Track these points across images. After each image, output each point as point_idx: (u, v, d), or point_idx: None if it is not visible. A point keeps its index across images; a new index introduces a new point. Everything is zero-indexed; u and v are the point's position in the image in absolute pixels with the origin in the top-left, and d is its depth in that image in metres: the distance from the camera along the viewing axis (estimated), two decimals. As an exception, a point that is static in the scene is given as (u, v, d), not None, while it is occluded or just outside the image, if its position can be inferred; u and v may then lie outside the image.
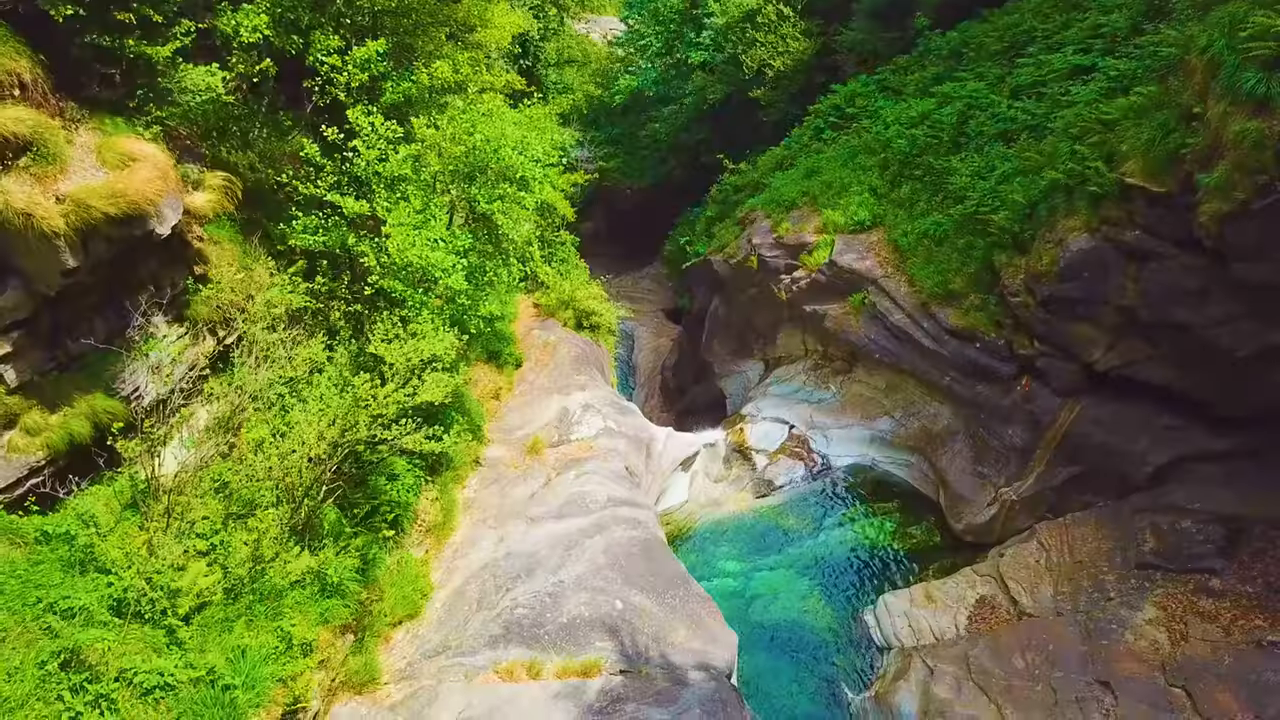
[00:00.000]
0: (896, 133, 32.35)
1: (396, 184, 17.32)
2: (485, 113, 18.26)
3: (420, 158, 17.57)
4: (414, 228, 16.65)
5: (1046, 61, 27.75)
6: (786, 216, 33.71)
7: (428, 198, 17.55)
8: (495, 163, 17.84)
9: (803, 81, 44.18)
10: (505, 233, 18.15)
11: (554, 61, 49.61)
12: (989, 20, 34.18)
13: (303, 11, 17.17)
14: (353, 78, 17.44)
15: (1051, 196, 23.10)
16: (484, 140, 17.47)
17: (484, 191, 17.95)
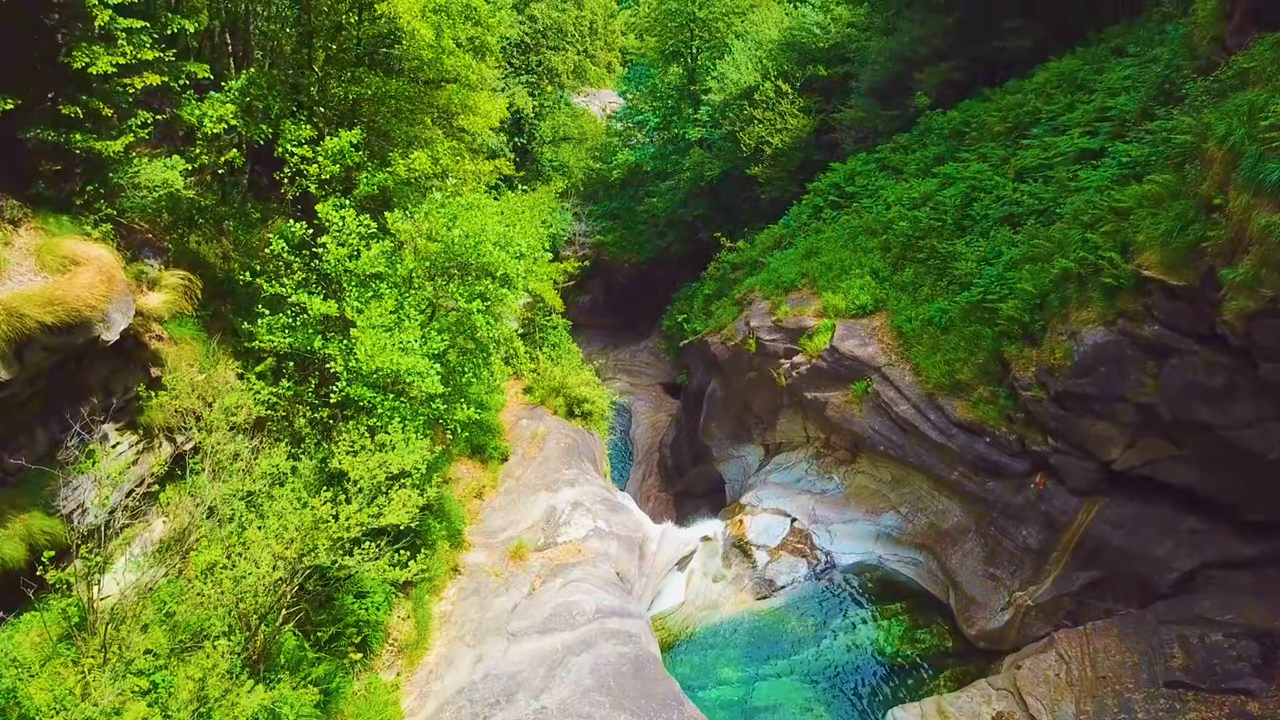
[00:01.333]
0: (898, 214, 31.54)
1: (369, 281, 16.26)
2: (466, 205, 17.28)
3: (395, 254, 16.56)
4: (385, 330, 15.54)
5: (1052, 144, 27.00)
6: (785, 298, 32.72)
7: (402, 296, 16.49)
8: (475, 258, 16.82)
9: (801, 159, 43.67)
10: (484, 335, 17.04)
11: (549, 139, 49.31)
12: (991, 100, 33.63)
13: (273, 100, 16.28)
14: (324, 169, 16.51)
15: (1063, 286, 22.07)
16: (463, 236, 16.48)
17: (463, 290, 16.90)
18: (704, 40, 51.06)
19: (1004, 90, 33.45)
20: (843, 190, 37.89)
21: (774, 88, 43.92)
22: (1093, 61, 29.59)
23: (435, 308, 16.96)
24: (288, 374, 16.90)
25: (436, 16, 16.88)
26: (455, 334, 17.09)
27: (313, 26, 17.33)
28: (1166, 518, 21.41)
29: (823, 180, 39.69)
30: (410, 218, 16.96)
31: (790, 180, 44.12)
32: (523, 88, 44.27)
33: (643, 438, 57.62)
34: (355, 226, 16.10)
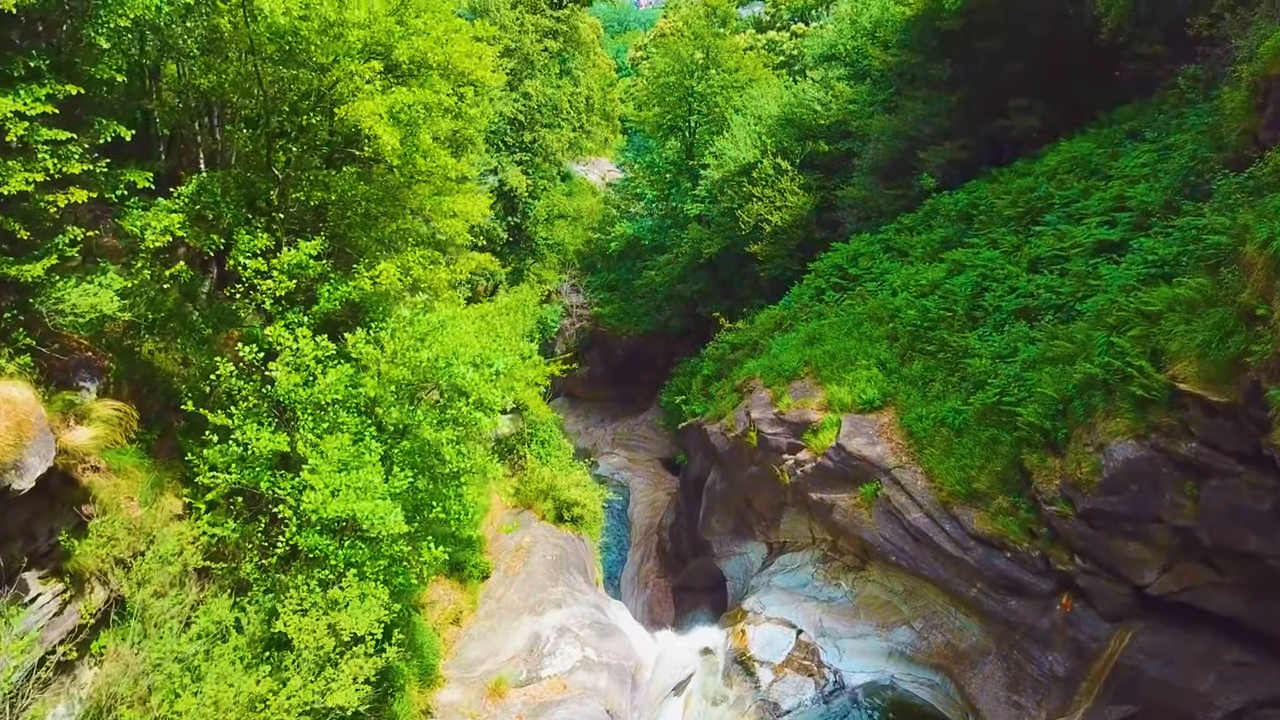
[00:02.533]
0: (905, 301, 30.09)
1: (327, 409, 14.65)
2: (437, 323, 15.77)
3: (356, 376, 14.97)
4: (341, 466, 13.88)
5: (1068, 233, 25.60)
6: (787, 388, 31.10)
7: (363, 425, 14.87)
8: (446, 379, 15.24)
9: (801, 237, 42.41)
10: (454, 466, 15.38)
11: (544, 218, 48.23)
12: (999, 181, 32.42)
13: (227, 207, 14.84)
14: (279, 286, 15.01)
15: (1087, 392, 20.45)
16: (433, 360, 14.93)
17: (432, 416, 15.29)
18: (702, 115, 50.23)
19: (1012, 171, 32.28)
20: (846, 272, 36.54)
21: (773, 165, 42.83)
22: (1106, 145, 28.36)
23: (400, 435, 15.33)
24: (236, 510, 15.20)
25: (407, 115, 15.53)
26: (422, 466, 15.44)
27: (272, 127, 16.00)
28: (1209, 648, 19.49)
29: (825, 260, 38.40)
30: (374, 338, 15.41)
31: (790, 258, 42.86)
32: (516, 166, 43.26)
33: (641, 516, 55.79)
34: (310, 351, 14.54)
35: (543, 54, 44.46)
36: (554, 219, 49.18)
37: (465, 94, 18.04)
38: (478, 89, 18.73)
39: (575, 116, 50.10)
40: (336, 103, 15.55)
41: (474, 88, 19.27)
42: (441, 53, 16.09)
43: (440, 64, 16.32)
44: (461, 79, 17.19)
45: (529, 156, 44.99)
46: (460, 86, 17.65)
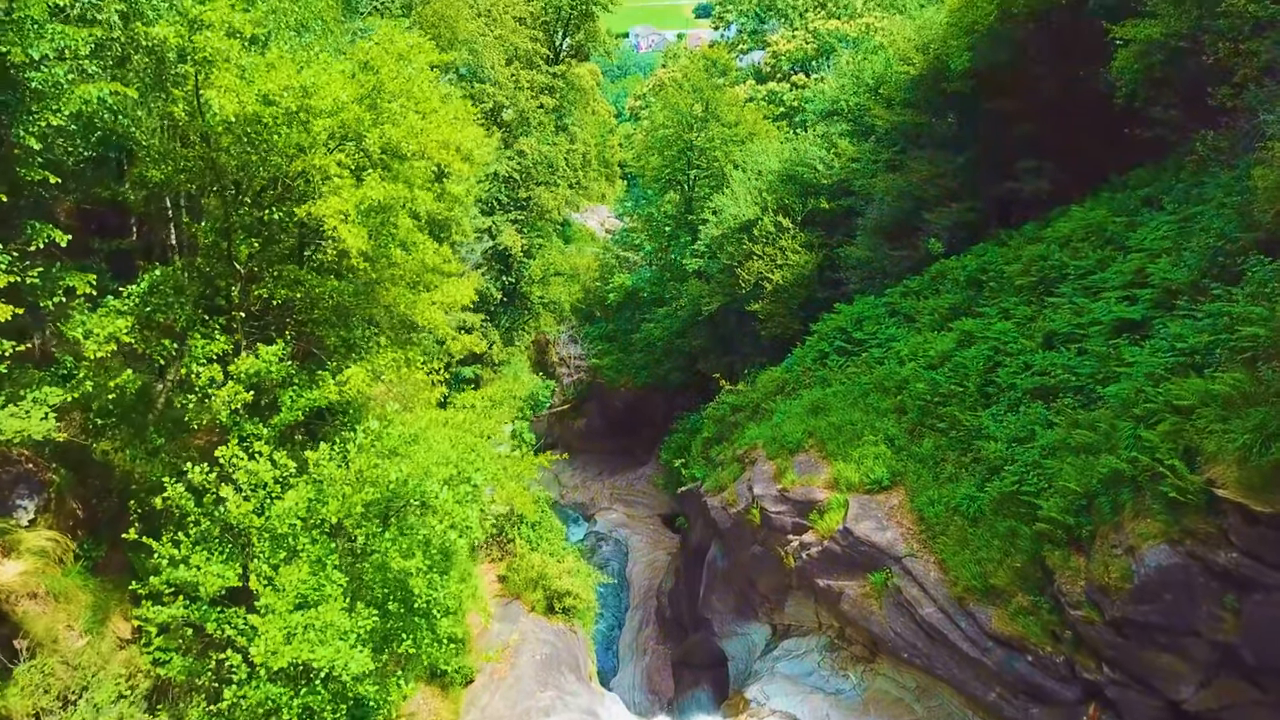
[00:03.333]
0: (913, 372, 28.84)
1: (284, 536, 13.33)
2: (408, 437, 14.49)
3: (317, 499, 13.66)
4: (299, 602, 12.53)
5: (1085, 308, 24.38)
6: (791, 462, 29.74)
7: (325, 551, 13.53)
8: (417, 497, 13.94)
9: (804, 296, 41.26)
10: (425, 599, 14.03)
11: (539, 278, 47.15)
12: (1008, 245, 31.30)
13: (181, 308, 13.60)
14: (235, 398, 13.74)
15: (1114, 488, 19.09)
16: (402, 481, 13.64)
17: (400, 542, 13.96)
18: (701, 169, 49.34)
19: (1022, 235, 31.16)
20: (850, 335, 35.31)
21: (773, 222, 41.79)
22: (1122, 212, 27.25)
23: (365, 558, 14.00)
24: (185, 644, 13.80)
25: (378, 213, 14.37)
26: (394, 587, 14.08)
27: (232, 221, 14.85)
28: (1255, 771, 17.97)
29: (828, 322, 37.22)
30: (339, 452, 14.11)
31: (792, 318, 41.70)
32: (511, 225, 42.29)
33: (640, 577, 54.33)
34: (266, 473, 13.24)
35: (538, 111, 43.69)
36: (550, 277, 48.05)
37: (450, 170, 16.85)
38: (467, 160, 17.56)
39: (571, 174, 49.25)
40: (301, 198, 14.40)
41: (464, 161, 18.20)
42: (416, 143, 14.95)
43: (415, 153, 15.19)
44: (439, 169, 16.06)
45: (524, 215, 44.03)
46: (442, 170, 16.52)
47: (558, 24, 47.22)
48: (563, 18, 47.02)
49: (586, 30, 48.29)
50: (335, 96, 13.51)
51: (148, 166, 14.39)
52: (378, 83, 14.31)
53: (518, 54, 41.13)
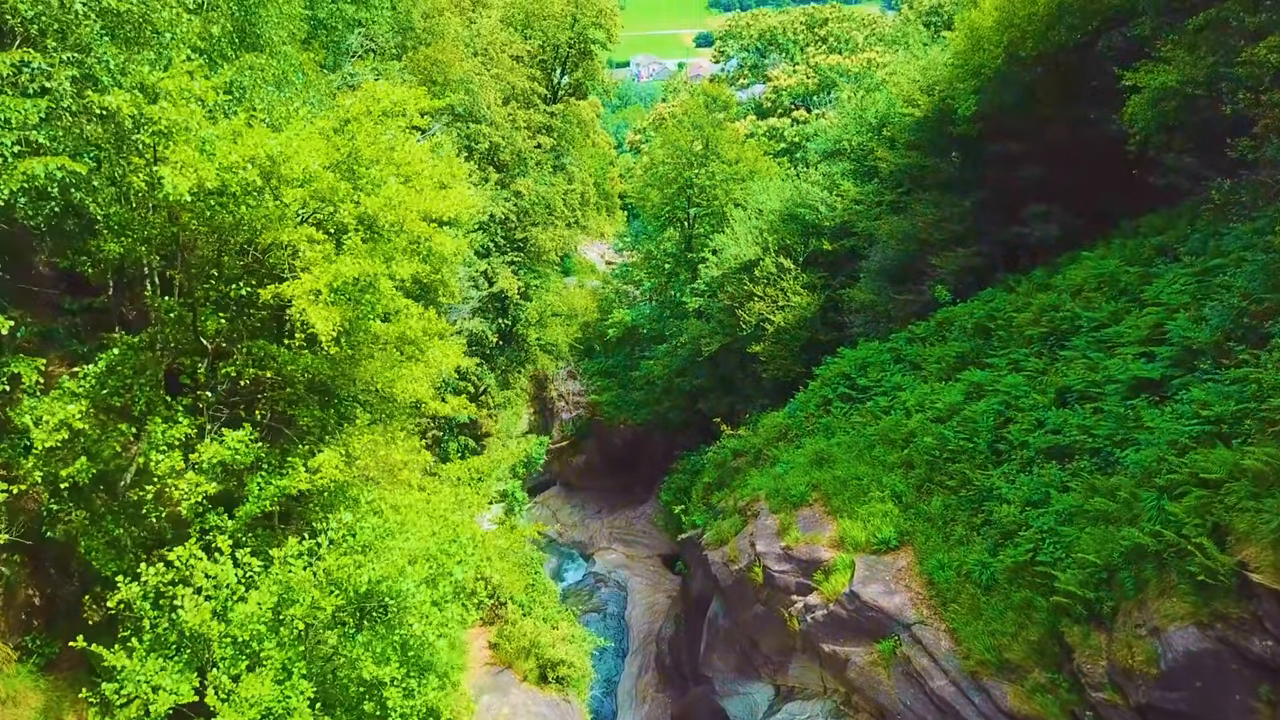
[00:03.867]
0: (920, 425, 27.90)
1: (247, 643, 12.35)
2: (385, 530, 13.53)
3: (283, 599, 12.68)
4: (262, 717, 11.53)
5: (1100, 364, 23.46)
6: (795, 517, 28.75)
7: (291, 658, 12.53)
8: (393, 597, 12.96)
9: (806, 338, 40.44)
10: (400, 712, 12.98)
11: (535, 320, 46.34)
12: (1016, 291, 30.47)
13: (140, 390, 12.67)
14: (194, 492, 12.78)
15: (1136, 563, 18.08)
16: (375, 582, 12.67)
17: (375, 645, 12.97)
18: (701, 207, 48.62)
19: (1031, 281, 30.33)
20: (854, 382, 34.40)
21: (775, 263, 41.00)
22: (1135, 261, 26.42)
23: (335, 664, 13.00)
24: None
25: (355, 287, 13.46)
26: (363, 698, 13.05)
27: (197, 296, 13.98)
28: None
29: (831, 367, 36.34)
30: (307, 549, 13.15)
31: (795, 360, 40.82)
32: (507, 267, 41.51)
33: (639, 620, 53.30)
34: (226, 576, 12.28)
35: (535, 150, 43.02)
36: (547, 318, 47.26)
37: (430, 242, 15.92)
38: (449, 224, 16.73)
39: (569, 214, 48.58)
40: (271, 271, 13.54)
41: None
42: (394, 214, 14.06)
43: (393, 225, 14.30)
44: (419, 241, 15.14)
45: (521, 256, 43.24)
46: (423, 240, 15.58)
47: (555, 62, 46.73)
48: (560, 56, 46.52)
49: (585, 68, 47.77)
50: (307, 165, 12.63)
51: (106, 239, 13.53)
52: (353, 149, 13.47)
53: (515, 93, 40.55)
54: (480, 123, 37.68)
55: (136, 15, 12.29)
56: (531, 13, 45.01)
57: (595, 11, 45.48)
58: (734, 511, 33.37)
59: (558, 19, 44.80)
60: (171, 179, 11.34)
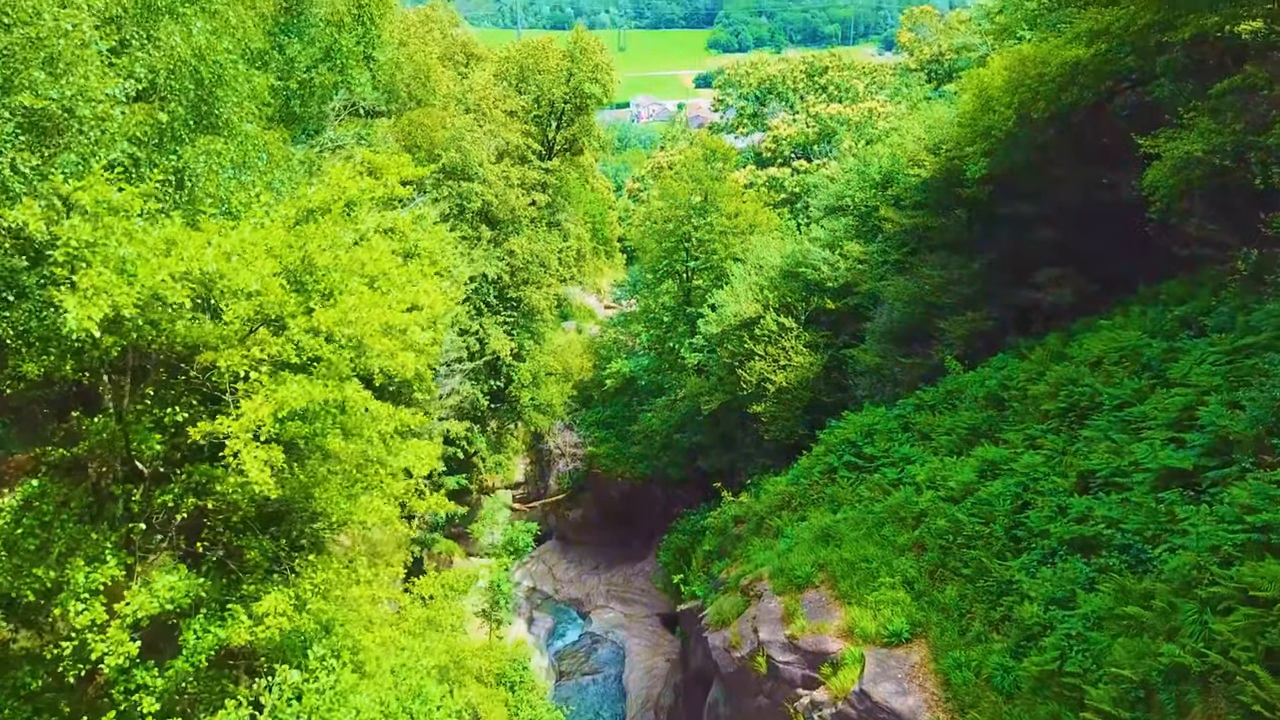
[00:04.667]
0: (932, 503, 26.40)
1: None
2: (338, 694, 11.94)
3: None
4: None
5: (1125, 448, 22.01)
6: (800, 601, 27.14)
7: None
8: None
9: (809, 399, 39.07)
10: None
11: (528, 382, 45.05)
12: (1029, 358, 29.10)
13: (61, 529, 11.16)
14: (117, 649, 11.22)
15: (1178, 683, 16.50)
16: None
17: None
18: (700, 261, 47.47)
19: (1045, 349, 28.96)
20: (860, 450, 32.94)
21: (775, 321, 39.73)
22: (1157, 332, 25.08)
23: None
24: None
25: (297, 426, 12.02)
26: None
27: (129, 419, 12.53)
28: None
29: (836, 432, 34.88)
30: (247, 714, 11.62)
31: (797, 422, 39.45)
32: (499, 327, 40.25)
33: (637, 685, 51.71)
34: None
35: (530, 208, 41.94)
36: (541, 378, 45.93)
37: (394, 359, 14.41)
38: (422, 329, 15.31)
39: (564, 270, 47.47)
40: (212, 392, 12.15)
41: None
42: (352, 328, 12.60)
43: (350, 340, 12.87)
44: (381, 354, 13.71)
45: (514, 315, 41.97)
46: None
47: (551, 117, 45.80)
48: (556, 111, 45.59)
49: (580, 123, 46.84)
50: (258, 274, 11.21)
51: (22, 360, 12.12)
52: (306, 255, 12.05)
53: (509, 149, 39.52)
54: (472, 180, 36.61)
55: (56, 113, 10.97)
56: (526, 67, 44.17)
57: (591, 66, 44.62)
58: (736, 587, 31.79)
59: (553, 74, 43.94)
60: (77, 312, 9.85)
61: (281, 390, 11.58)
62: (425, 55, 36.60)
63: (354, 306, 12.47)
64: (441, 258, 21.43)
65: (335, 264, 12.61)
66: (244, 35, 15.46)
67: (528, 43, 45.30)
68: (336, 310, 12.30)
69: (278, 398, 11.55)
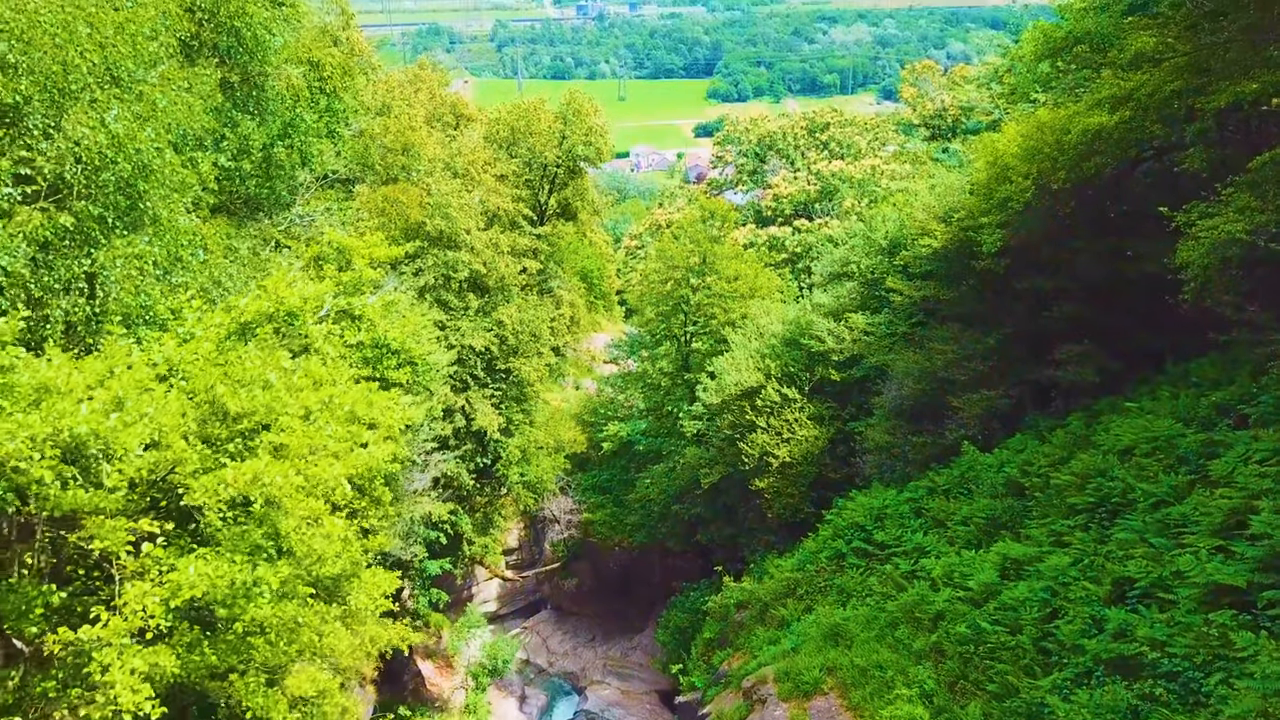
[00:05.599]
0: (950, 604, 24.29)
1: None
2: None
3: None
4: None
5: (1166, 555, 19.97)
6: (807, 710, 24.97)
7: None
8: None
9: (814, 475, 37.11)
10: None
11: (516, 460, 43.08)
12: (1050, 442, 27.16)
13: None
14: None
15: None
16: None
17: None
18: (698, 325, 45.76)
19: (1067, 431, 27.04)
20: (870, 536, 30.91)
21: (778, 391, 37.85)
22: (1191, 420, 23.19)
23: None
24: None
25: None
26: None
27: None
28: None
29: (843, 514, 32.89)
30: None
31: (802, 498, 37.48)
32: (486, 401, 38.38)
33: (634, 769, 49.31)
34: None
35: (520, 275, 40.29)
36: (531, 453, 43.93)
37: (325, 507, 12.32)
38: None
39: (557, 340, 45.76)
40: (93, 570, 10.18)
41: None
42: (268, 490, 10.53)
43: (270, 503, 10.86)
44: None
45: (503, 388, 40.14)
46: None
47: (543, 181, 44.32)
48: (548, 174, 44.15)
49: (574, 187, 45.36)
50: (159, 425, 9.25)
51: None
52: (215, 399, 10.10)
53: (498, 215, 37.96)
54: (459, 249, 34.94)
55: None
56: (517, 129, 42.82)
57: (584, 129, 43.27)
58: (738, 686, 29.65)
59: (545, 136, 42.56)
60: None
61: (177, 574, 9.52)
62: (410, 118, 35.17)
63: (267, 468, 10.32)
64: (416, 344, 19.71)
65: (253, 405, 10.65)
66: (181, 117, 13.74)
67: (518, 104, 44.08)
68: (249, 467, 10.24)
69: (172, 582, 9.48)
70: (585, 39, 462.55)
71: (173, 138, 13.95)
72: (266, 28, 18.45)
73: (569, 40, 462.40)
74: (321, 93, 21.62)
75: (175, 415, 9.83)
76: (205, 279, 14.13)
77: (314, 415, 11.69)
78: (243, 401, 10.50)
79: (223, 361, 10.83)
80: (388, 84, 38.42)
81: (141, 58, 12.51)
